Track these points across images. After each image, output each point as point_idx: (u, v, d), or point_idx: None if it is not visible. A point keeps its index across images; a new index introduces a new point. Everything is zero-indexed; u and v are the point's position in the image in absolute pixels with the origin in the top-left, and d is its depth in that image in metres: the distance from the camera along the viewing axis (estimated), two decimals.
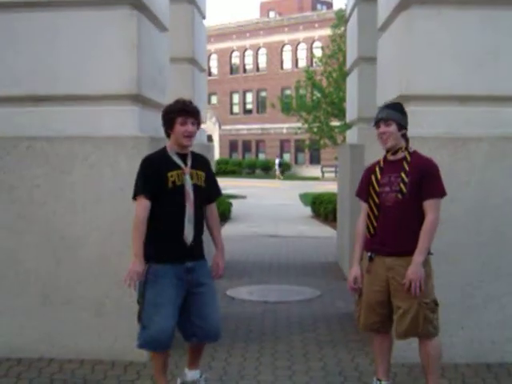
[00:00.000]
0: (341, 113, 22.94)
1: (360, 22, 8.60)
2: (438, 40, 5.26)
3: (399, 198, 4.01)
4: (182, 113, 4.10)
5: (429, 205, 4.01)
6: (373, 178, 4.17)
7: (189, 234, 4.08)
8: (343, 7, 23.08)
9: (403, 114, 4.19)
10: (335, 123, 27.25)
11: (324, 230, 14.83)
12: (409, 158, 4.09)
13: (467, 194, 5.11)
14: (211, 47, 59.59)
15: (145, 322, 4.08)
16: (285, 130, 54.84)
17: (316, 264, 10.16)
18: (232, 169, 52.33)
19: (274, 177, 48.17)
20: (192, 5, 8.48)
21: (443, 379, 4.69)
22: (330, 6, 65.04)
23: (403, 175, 4.03)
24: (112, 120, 5.27)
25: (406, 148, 4.15)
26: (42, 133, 5.23)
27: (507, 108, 5.35)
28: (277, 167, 49.40)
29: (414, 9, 5.26)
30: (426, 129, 5.23)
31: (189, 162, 4.17)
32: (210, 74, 61.07)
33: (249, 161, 56.67)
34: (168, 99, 6.49)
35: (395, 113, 4.13)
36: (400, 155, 4.13)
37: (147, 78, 5.52)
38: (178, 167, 4.09)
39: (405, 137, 4.16)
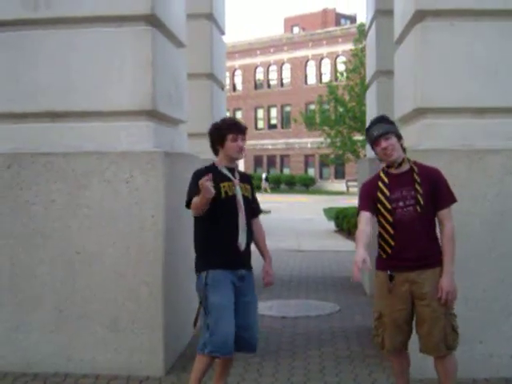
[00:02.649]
0: (363, 127, 22.84)
1: (378, 36, 8.61)
2: (453, 52, 5.22)
3: (418, 212, 3.88)
4: (232, 130, 4.33)
5: (446, 213, 3.96)
6: (380, 195, 3.95)
7: (242, 241, 4.25)
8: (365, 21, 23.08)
9: (393, 123, 4.11)
10: (358, 137, 27.17)
11: (346, 245, 14.72)
12: (416, 169, 3.98)
13: (484, 207, 5.04)
14: (236, 63, 59.98)
15: (212, 328, 4.14)
16: (309, 145, 54.83)
17: (336, 278, 10.08)
18: (257, 184, 52.52)
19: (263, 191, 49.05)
20: (210, 21, 8.53)
21: None
22: (353, 20, 65.07)
23: (418, 187, 3.91)
24: (127, 136, 5.31)
25: (408, 159, 4.05)
26: (58, 149, 5.28)
27: None
28: (264, 181, 50.25)
29: (428, 21, 5.24)
30: (442, 141, 5.19)
31: (237, 176, 4.38)
32: (234, 89, 61.46)
33: (274, 176, 56.69)
34: (187, 115, 6.54)
35: (388, 125, 4.03)
36: (405, 167, 4.01)
37: (163, 94, 5.55)
38: (228, 179, 4.31)
39: (402, 147, 4.04)
